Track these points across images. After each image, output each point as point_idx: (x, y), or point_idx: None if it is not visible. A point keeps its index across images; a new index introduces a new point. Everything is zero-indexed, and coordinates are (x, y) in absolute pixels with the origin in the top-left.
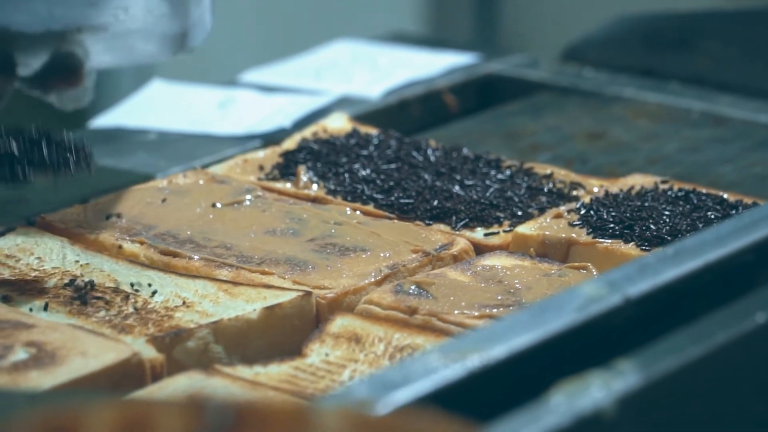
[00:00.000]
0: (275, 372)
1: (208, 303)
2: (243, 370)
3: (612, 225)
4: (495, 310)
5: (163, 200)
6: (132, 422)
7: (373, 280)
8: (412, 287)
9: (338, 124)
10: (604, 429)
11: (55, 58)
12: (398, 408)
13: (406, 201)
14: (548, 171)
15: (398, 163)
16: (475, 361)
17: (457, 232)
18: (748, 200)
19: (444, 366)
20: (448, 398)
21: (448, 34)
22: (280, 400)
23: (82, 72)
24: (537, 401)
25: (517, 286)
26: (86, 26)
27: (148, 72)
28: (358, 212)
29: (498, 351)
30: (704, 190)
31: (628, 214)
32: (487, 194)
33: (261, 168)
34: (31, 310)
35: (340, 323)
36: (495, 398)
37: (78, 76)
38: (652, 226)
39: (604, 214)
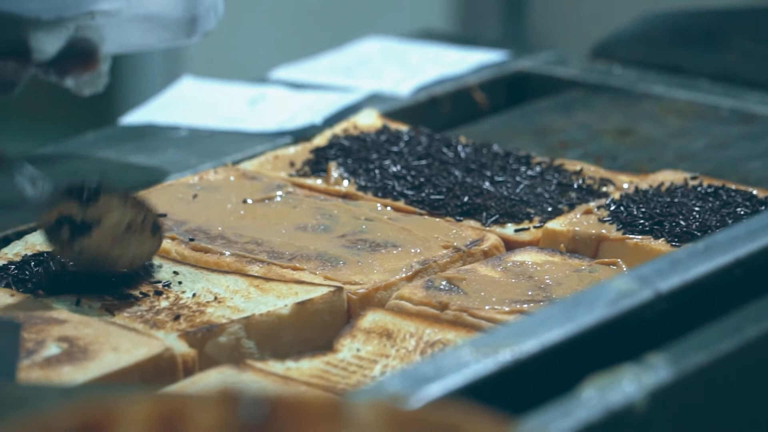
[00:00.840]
0: (307, 367)
1: (239, 298)
2: (274, 365)
3: (642, 221)
4: (525, 306)
5: (194, 196)
6: (166, 416)
7: (404, 275)
8: (443, 283)
9: (369, 120)
10: (635, 423)
11: (70, 44)
12: (431, 402)
13: (437, 197)
14: (578, 167)
15: (429, 160)
16: (506, 355)
17: (488, 228)
18: None
19: (476, 360)
20: (479, 392)
21: (477, 31)
22: (313, 395)
23: (97, 57)
24: (568, 395)
25: (548, 281)
26: (99, 11)
27: (179, 69)
28: (388, 208)
29: (530, 345)
30: (733, 186)
31: (657, 210)
32: (518, 190)
33: (292, 164)
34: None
35: (371, 318)
36: (526, 392)
37: (93, 61)
38: (681, 222)
39: (634, 210)
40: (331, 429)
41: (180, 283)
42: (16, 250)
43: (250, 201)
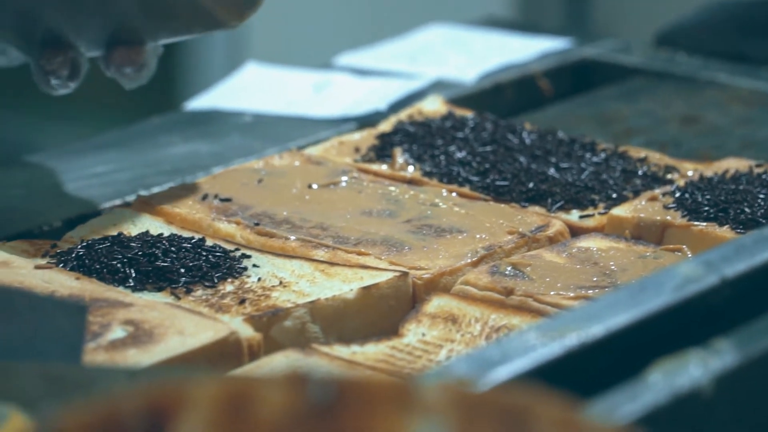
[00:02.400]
0: (372, 351)
1: (304, 283)
2: (340, 350)
3: (707, 208)
4: (590, 292)
5: (259, 181)
6: (234, 397)
7: (469, 261)
8: (508, 268)
9: (434, 106)
10: (701, 406)
11: (114, 35)
12: (498, 385)
13: (502, 183)
14: (643, 154)
15: (494, 146)
16: (573, 339)
17: (553, 214)
18: None
19: (542, 344)
20: (546, 376)
21: (540, 18)
22: (381, 377)
23: (141, 49)
24: (635, 379)
25: (612, 267)
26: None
27: (242, 55)
28: (454, 194)
29: (596, 330)
30: None
31: (722, 198)
32: (582, 177)
33: (357, 150)
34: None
35: (436, 303)
36: (593, 376)
37: (138, 53)
38: (746, 209)
39: (699, 197)
40: (399, 411)
41: (245, 267)
42: (82, 234)
43: (315, 186)
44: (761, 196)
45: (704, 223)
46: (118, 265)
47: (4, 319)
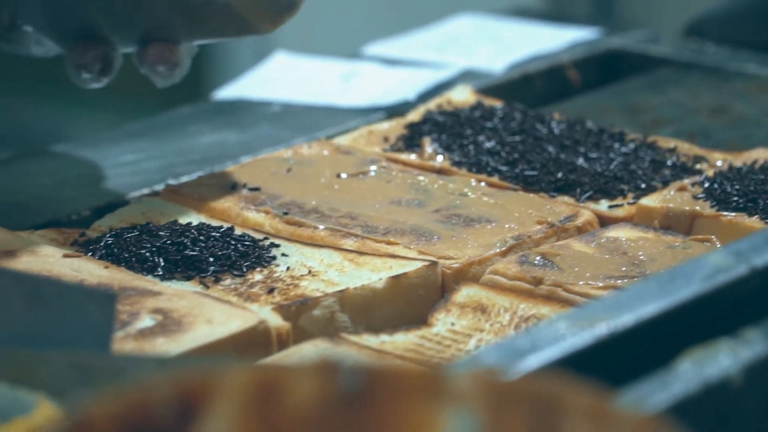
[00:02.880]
0: (401, 341)
1: (333, 272)
2: (369, 339)
3: (736, 198)
4: (619, 281)
5: (288, 170)
6: (264, 385)
7: (498, 250)
8: (537, 258)
9: (462, 96)
10: (731, 396)
11: (149, 32)
12: (528, 374)
13: (531, 173)
14: (672, 145)
15: (522, 136)
16: (603, 328)
17: (582, 204)
18: None
19: (572, 333)
20: (576, 365)
21: (569, 9)
22: (411, 366)
23: (176, 48)
24: (665, 369)
25: (641, 257)
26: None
27: (270, 44)
28: (482, 183)
29: (626, 319)
30: None
31: (751, 188)
32: (611, 167)
33: (386, 139)
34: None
35: (465, 293)
36: (623, 366)
37: (172, 52)
38: None
39: (728, 187)
40: (429, 400)
41: (274, 257)
42: (110, 223)
43: (344, 175)
44: None
45: (733, 213)
46: (147, 254)
47: (32, 307)
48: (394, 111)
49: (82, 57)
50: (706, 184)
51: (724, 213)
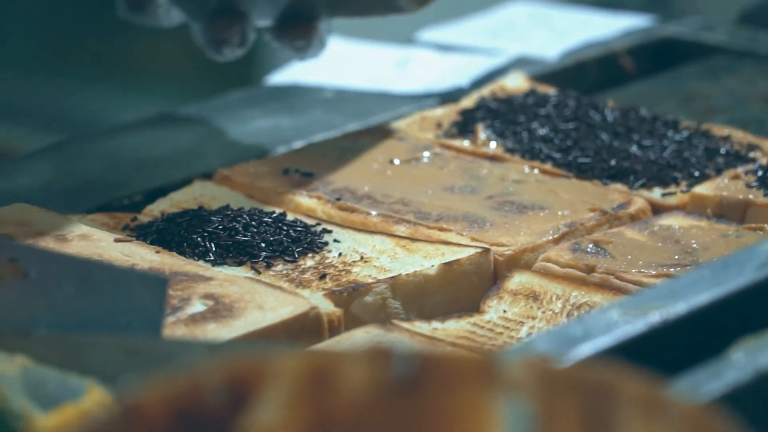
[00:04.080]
0: (453, 328)
1: (385, 258)
2: (421, 326)
3: None
4: (672, 270)
5: (341, 156)
6: (316, 371)
7: (551, 237)
8: (590, 245)
9: (516, 83)
10: None
11: (290, 8)
12: (581, 362)
13: (584, 160)
14: (726, 132)
15: (576, 123)
16: (655, 317)
17: (635, 192)
18: None
19: (625, 321)
20: (629, 354)
21: None
22: (463, 353)
23: (315, 24)
24: (718, 357)
25: (694, 246)
26: None
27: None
28: (536, 170)
29: (679, 308)
30: None
31: None
32: (665, 155)
33: (439, 125)
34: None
35: (518, 280)
36: (675, 354)
37: (311, 28)
38: None
39: None
40: (482, 386)
41: (326, 242)
42: (162, 207)
43: (397, 161)
44: None
45: None
46: (199, 239)
47: (83, 292)
48: (448, 97)
49: (224, 32)
50: (760, 173)
51: None
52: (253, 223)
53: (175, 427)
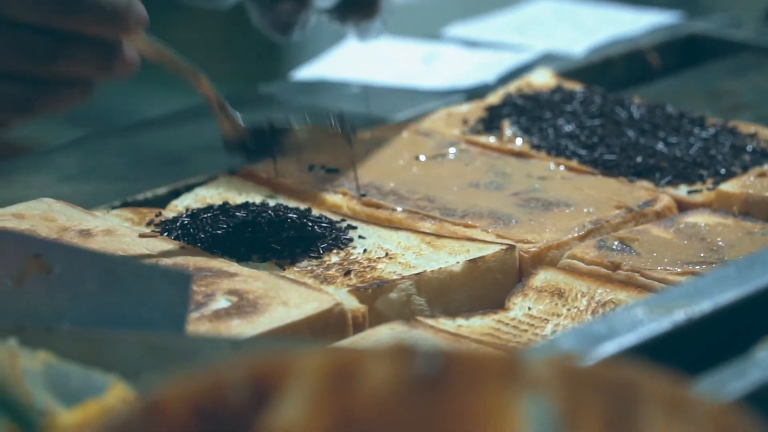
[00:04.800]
0: (477, 325)
1: (410, 255)
2: (445, 323)
3: None
4: (698, 267)
5: (367, 152)
6: (339, 368)
7: (576, 235)
8: (615, 243)
9: (542, 79)
10: None
11: None
12: (605, 360)
13: (610, 157)
14: (752, 130)
15: (602, 120)
16: (680, 315)
17: (661, 189)
18: None
19: (650, 319)
20: (653, 352)
21: None
22: (487, 350)
23: (378, 5)
24: (743, 356)
25: (720, 243)
26: None
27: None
28: (561, 167)
29: (704, 306)
30: None
31: None
32: (691, 152)
33: (465, 122)
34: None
35: (542, 277)
36: (700, 353)
37: (374, 9)
38: None
39: None
40: (506, 384)
41: (351, 239)
42: (187, 203)
43: (422, 158)
44: None
45: None
46: (223, 234)
47: (107, 288)
48: (474, 93)
49: (288, 16)
50: None
51: None
52: (277, 219)
53: (196, 424)
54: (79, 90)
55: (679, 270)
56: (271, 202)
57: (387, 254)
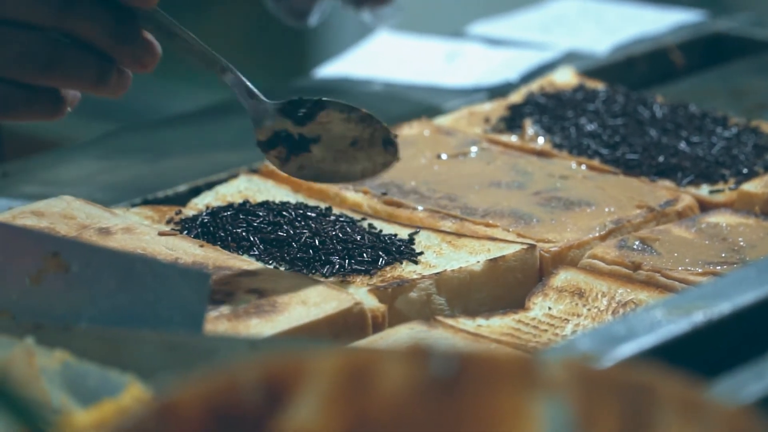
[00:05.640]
0: (497, 324)
1: (431, 254)
2: (465, 322)
3: None
4: (719, 268)
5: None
6: (355, 369)
7: (597, 234)
8: (636, 243)
9: (565, 78)
10: None
11: None
12: (623, 362)
13: (632, 156)
14: None
15: (624, 119)
16: (699, 316)
17: (682, 189)
18: None
19: (668, 321)
20: (672, 353)
21: None
22: (504, 352)
23: None
24: (761, 357)
25: (741, 244)
26: None
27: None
28: (583, 166)
29: (723, 307)
30: None
31: None
32: (713, 151)
33: (487, 120)
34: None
35: (563, 277)
36: (719, 354)
37: None
38: None
39: None
40: (522, 386)
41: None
42: (207, 201)
43: (444, 156)
44: None
45: None
46: (243, 233)
47: (125, 286)
48: (497, 92)
49: (304, 4)
50: None
51: None
52: (298, 217)
53: (210, 426)
54: (52, 104)
55: (700, 270)
56: (292, 201)
57: None
